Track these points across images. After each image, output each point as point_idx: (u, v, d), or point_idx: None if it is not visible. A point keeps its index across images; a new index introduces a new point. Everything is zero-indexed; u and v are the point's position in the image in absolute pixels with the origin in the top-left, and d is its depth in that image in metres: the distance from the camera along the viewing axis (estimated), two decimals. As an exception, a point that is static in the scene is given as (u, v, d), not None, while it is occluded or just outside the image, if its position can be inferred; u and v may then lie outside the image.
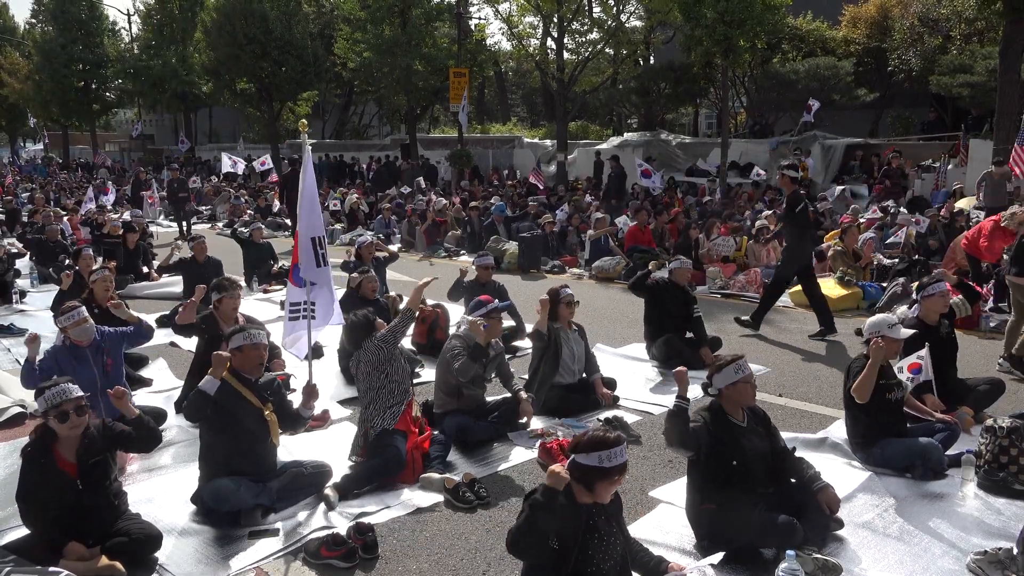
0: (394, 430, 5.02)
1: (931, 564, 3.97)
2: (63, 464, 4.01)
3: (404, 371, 5.29)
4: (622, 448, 3.32)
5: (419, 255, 15.50)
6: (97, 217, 15.72)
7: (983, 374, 6.52)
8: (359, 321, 5.36)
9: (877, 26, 24.59)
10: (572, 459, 3.36)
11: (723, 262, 11.88)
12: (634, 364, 7.62)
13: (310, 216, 5.42)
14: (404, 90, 28.24)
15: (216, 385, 4.42)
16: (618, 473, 3.32)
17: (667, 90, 28.71)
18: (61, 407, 3.97)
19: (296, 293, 5.52)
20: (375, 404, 5.09)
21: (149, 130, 49.94)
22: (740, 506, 3.95)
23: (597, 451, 3.29)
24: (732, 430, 4.08)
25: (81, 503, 3.99)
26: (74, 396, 4.02)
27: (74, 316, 5.68)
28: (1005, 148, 14.83)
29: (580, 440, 3.37)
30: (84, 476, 4.02)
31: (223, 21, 29.15)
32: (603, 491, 3.35)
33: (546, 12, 24.13)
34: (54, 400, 3.98)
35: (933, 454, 4.88)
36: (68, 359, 5.62)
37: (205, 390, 4.41)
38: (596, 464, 3.28)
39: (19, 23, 49.94)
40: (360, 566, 4.06)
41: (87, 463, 4.03)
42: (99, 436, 4.13)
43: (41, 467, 3.97)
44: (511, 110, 48.31)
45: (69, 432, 4.00)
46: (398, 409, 5.09)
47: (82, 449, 4.04)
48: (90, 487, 4.02)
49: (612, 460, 3.28)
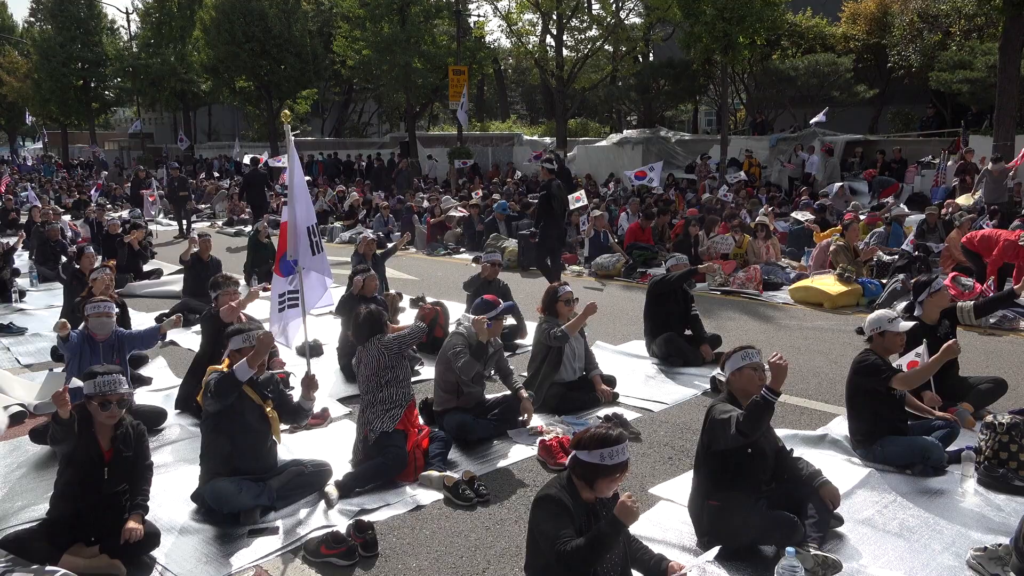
0: (394, 431, 5.01)
1: (931, 560, 3.97)
2: (99, 445, 4.07)
3: (407, 375, 5.26)
4: (624, 446, 3.33)
5: (419, 252, 15.49)
6: (99, 215, 15.71)
7: (984, 372, 6.52)
8: (369, 316, 5.26)
9: (876, 22, 24.55)
10: (574, 455, 3.36)
11: (722, 259, 11.88)
12: (634, 361, 7.61)
13: (301, 206, 5.39)
14: (403, 88, 28.24)
15: (249, 374, 4.40)
16: (620, 471, 3.33)
17: (666, 87, 28.70)
18: (108, 396, 4.03)
19: (281, 284, 5.45)
20: (374, 408, 5.06)
21: (148, 128, 49.92)
22: (743, 503, 3.95)
23: (599, 448, 3.30)
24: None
25: (100, 493, 4.03)
26: (122, 390, 4.10)
27: (100, 307, 5.83)
28: (1005, 144, 14.84)
29: (583, 437, 3.37)
30: (113, 466, 4.07)
31: (222, 19, 29.15)
32: (604, 488, 3.36)
33: (545, 9, 24.15)
34: (103, 388, 4.04)
35: (933, 453, 4.88)
36: (85, 347, 5.79)
37: (237, 376, 4.37)
38: (598, 462, 3.29)
39: (18, 22, 50.01)
40: (360, 564, 4.06)
41: (120, 455, 4.09)
42: (132, 432, 4.19)
43: (83, 436, 4.01)
44: (510, 108, 48.31)
45: (105, 420, 4.06)
46: (398, 412, 5.07)
47: (117, 439, 4.10)
48: (113, 479, 4.07)
49: (614, 458, 3.30)
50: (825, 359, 7.66)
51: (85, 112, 40.08)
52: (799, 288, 10.39)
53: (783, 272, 11.47)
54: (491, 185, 22.47)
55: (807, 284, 10.31)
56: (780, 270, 11.51)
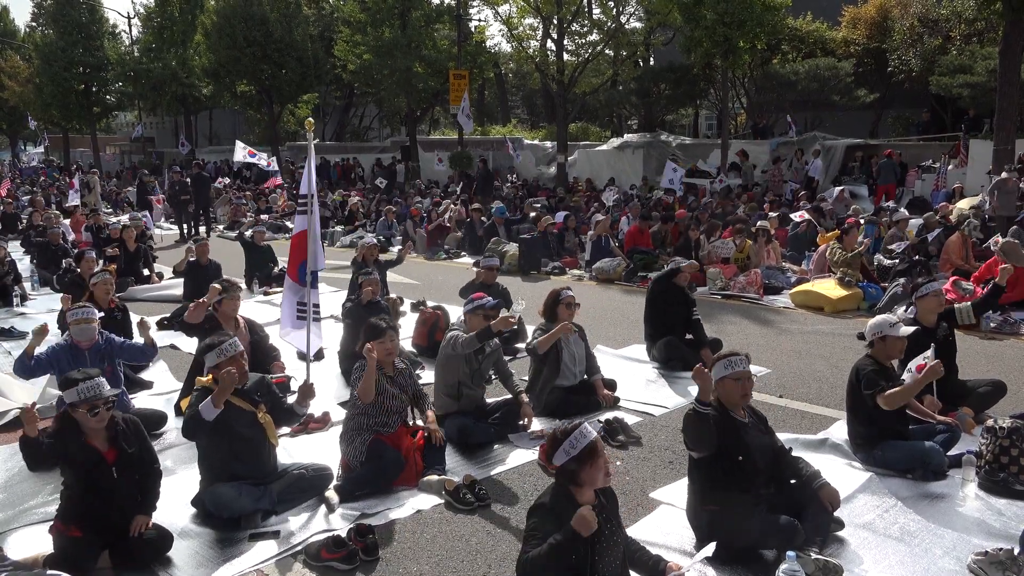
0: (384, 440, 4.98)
1: (932, 565, 3.96)
2: (97, 449, 4.05)
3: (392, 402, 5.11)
4: (582, 429, 3.30)
5: (419, 256, 15.50)
6: (98, 220, 15.74)
7: (984, 375, 6.52)
8: (369, 329, 5.18)
9: (877, 27, 24.59)
10: (555, 469, 3.36)
11: (723, 263, 11.88)
12: (634, 365, 7.61)
13: (316, 215, 5.48)
14: (404, 92, 28.27)
15: (215, 413, 4.29)
16: (593, 455, 3.28)
17: (667, 91, 28.73)
18: (94, 402, 3.99)
19: (301, 292, 5.49)
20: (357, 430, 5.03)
21: (149, 133, 49.97)
22: (742, 507, 3.94)
23: (558, 447, 3.29)
24: (735, 426, 4.06)
25: (113, 495, 4.04)
26: (107, 393, 4.05)
27: (79, 313, 5.68)
28: (1005, 149, 14.84)
29: (543, 450, 3.38)
30: (120, 466, 4.07)
31: (223, 24, 29.18)
32: (590, 478, 3.31)
33: (546, 14, 24.14)
34: (88, 394, 3.98)
35: (934, 458, 4.87)
36: (67, 358, 5.60)
37: (203, 416, 4.26)
38: (566, 457, 3.28)
39: (19, 26, 50.10)
40: (361, 568, 4.06)
41: (125, 452, 4.09)
42: (129, 427, 4.18)
43: (65, 445, 3.97)
44: (511, 112, 48.35)
45: (95, 424, 4.04)
46: (388, 430, 5.04)
47: (117, 437, 4.09)
48: (123, 478, 4.07)
49: (577, 444, 3.27)
50: (826, 363, 7.65)
51: (86, 116, 40.09)
52: (800, 292, 10.39)
53: (784, 276, 11.47)
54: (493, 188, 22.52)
55: (808, 288, 10.32)
56: (781, 274, 11.52)
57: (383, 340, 5.05)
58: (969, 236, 11.23)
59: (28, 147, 55.07)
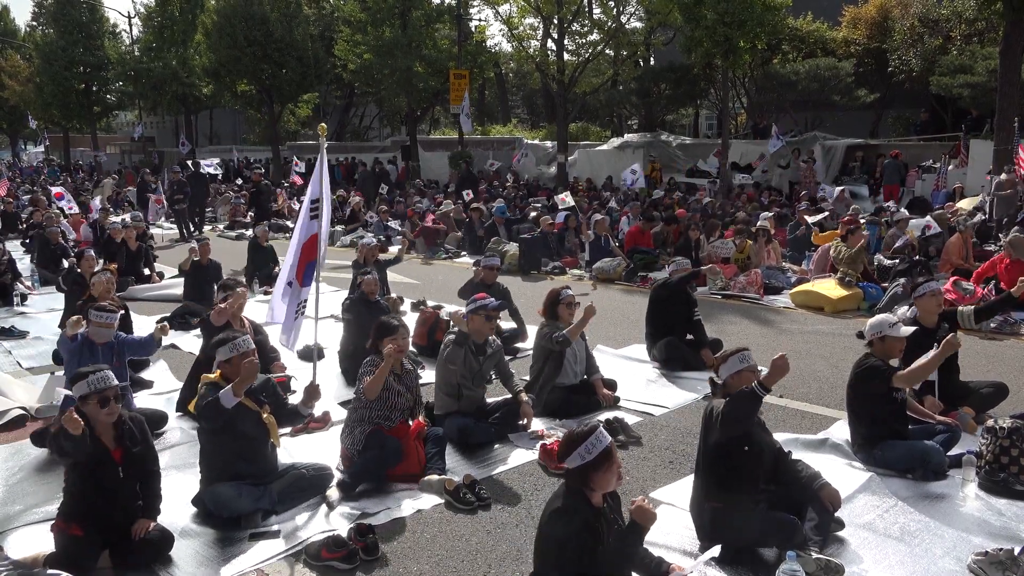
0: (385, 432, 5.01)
1: (932, 565, 3.96)
2: (106, 447, 4.06)
3: (398, 399, 5.16)
4: (598, 434, 3.29)
5: (419, 256, 15.49)
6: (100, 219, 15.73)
7: (985, 376, 6.52)
8: (380, 327, 5.21)
9: (877, 27, 24.60)
10: (565, 470, 3.36)
11: (723, 263, 11.88)
12: (635, 365, 7.61)
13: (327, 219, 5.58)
14: (404, 92, 28.26)
15: (234, 401, 4.31)
16: (607, 459, 3.28)
17: (667, 91, 28.73)
18: (104, 393, 4.03)
19: (303, 292, 5.57)
20: (358, 421, 5.07)
21: (149, 132, 49.98)
22: (744, 504, 3.95)
23: (575, 449, 3.28)
24: None
25: (118, 495, 4.04)
26: (114, 384, 4.10)
27: (103, 317, 5.84)
28: (1006, 149, 14.84)
29: (558, 450, 3.38)
30: (127, 465, 4.08)
31: (223, 23, 29.16)
32: (604, 482, 3.32)
33: (546, 14, 24.16)
34: (98, 385, 4.03)
35: (934, 458, 4.87)
36: (85, 350, 5.82)
37: (223, 403, 4.28)
38: (581, 461, 3.27)
39: (20, 26, 50.08)
40: (361, 568, 4.06)
41: (132, 451, 4.10)
42: (134, 427, 4.19)
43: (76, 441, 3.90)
44: (511, 111, 48.36)
45: (106, 418, 4.06)
46: (389, 424, 5.07)
47: (123, 436, 4.11)
48: (129, 477, 4.08)
49: (593, 450, 3.26)
50: (826, 363, 7.65)
51: (87, 116, 40.08)
52: (800, 292, 10.40)
53: (784, 276, 11.47)
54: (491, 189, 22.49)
55: (808, 288, 10.32)
56: (781, 274, 11.52)
57: (396, 337, 5.07)
58: (965, 231, 11.22)
59: (28, 146, 55.08)
